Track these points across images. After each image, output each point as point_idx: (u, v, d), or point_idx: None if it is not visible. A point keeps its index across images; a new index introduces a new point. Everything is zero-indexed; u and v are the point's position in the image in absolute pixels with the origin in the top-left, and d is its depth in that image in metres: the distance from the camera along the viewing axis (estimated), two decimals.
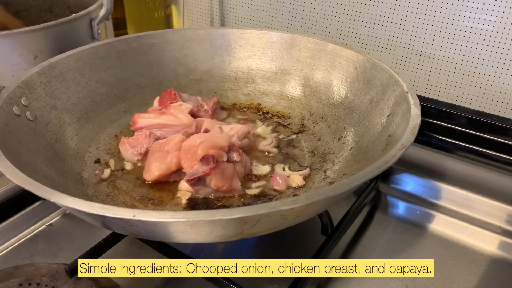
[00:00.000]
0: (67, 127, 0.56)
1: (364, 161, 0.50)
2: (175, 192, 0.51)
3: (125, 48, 0.66)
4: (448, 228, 0.54)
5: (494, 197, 0.57)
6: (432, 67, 0.69)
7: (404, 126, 0.45)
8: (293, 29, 0.81)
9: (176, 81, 0.69)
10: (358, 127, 0.56)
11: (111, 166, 0.55)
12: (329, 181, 0.51)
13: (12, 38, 0.62)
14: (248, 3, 0.84)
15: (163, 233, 0.35)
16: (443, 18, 0.66)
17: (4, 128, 0.46)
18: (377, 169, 0.38)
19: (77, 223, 0.54)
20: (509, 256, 0.50)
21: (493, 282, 0.47)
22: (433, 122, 0.68)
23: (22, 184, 0.36)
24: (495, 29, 0.62)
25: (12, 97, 0.50)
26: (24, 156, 0.46)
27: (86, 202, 0.34)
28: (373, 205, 0.58)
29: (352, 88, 0.60)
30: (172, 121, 0.57)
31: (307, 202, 0.33)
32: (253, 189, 0.52)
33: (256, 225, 0.35)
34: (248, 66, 0.70)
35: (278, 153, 0.59)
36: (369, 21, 0.73)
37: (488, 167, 0.63)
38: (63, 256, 0.50)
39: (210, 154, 0.49)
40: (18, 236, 0.53)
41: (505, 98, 0.65)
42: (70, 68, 0.59)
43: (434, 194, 0.59)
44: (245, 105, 0.69)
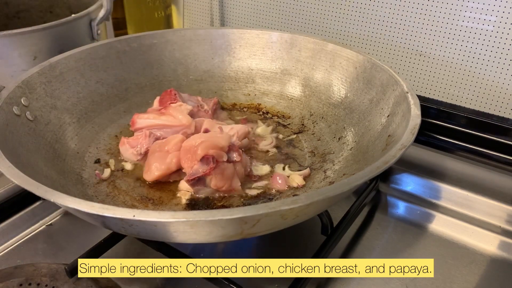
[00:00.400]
0: (67, 127, 0.56)
1: (364, 161, 0.50)
2: (175, 192, 0.51)
3: (125, 48, 0.66)
4: (448, 228, 0.54)
5: (494, 197, 0.57)
6: (432, 67, 0.69)
7: (404, 126, 0.45)
8: (293, 29, 0.81)
9: (176, 81, 0.69)
10: (358, 127, 0.56)
11: (111, 166, 0.55)
12: (329, 181, 0.51)
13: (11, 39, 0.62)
14: (248, 3, 0.84)
15: (163, 233, 0.35)
16: (443, 18, 0.66)
17: (4, 128, 0.46)
18: (377, 169, 0.38)
19: (77, 223, 0.54)
20: (509, 256, 0.50)
21: (493, 282, 0.47)
22: (433, 122, 0.68)
23: (22, 184, 0.36)
24: (495, 29, 0.62)
25: (12, 97, 0.50)
26: (24, 156, 0.46)
27: (86, 202, 0.34)
28: (373, 205, 0.58)
29: (352, 88, 0.60)
30: (171, 121, 0.57)
31: (307, 202, 0.33)
32: (253, 189, 0.52)
33: (256, 225, 0.35)
34: (248, 66, 0.70)
35: (278, 153, 0.59)
36: (369, 21, 0.73)
37: (488, 167, 0.63)
38: (63, 256, 0.50)
39: (210, 154, 0.49)
40: (18, 236, 0.53)
41: (505, 98, 0.65)
42: (70, 68, 0.59)
43: (434, 194, 0.59)
44: (245, 105, 0.69)
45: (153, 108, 0.61)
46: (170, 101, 0.60)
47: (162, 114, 0.58)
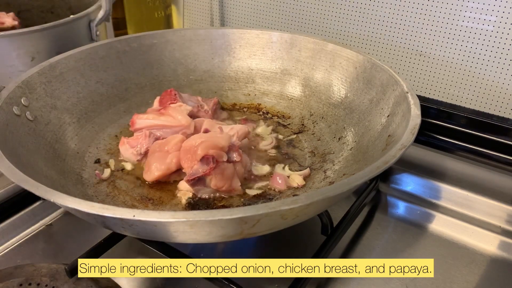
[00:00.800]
0: (67, 127, 0.56)
1: (364, 161, 0.50)
2: (175, 192, 0.51)
3: (125, 48, 0.66)
4: (448, 228, 0.54)
5: (494, 197, 0.57)
6: (432, 67, 0.69)
7: (404, 126, 0.45)
8: (293, 29, 0.81)
9: (176, 81, 0.69)
10: (358, 127, 0.56)
11: (111, 166, 0.55)
12: (329, 181, 0.51)
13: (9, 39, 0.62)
14: (248, 3, 0.84)
15: (163, 233, 0.35)
16: (443, 18, 0.66)
17: (4, 128, 0.46)
18: (377, 169, 0.38)
19: (77, 223, 0.54)
20: (509, 256, 0.50)
21: (493, 282, 0.47)
22: (433, 122, 0.68)
23: (22, 184, 0.36)
24: (495, 29, 0.62)
25: (12, 97, 0.50)
26: (24, 156, 0.46)
27: (86, 202, 0.34)
28: (373, 205, 0.58)
29: (352, 88, 0.60)
30: (170, 122, 0.57)
31: (307, 202, 0.33)
32: (253, 189, 0.52)
33: (256, 225, 0.35)
34: (248, 66, 0.70)
35: (278, 153, 0.59)
36: (369, 21, 0.73)
37: (488, 167, 0.63)
38: (63, 256, 0.50)
39: (210, 154, 0.49)
40: (18, 236, 0.53)
41: (505, 98, 0.65)
42: (70, 68, 0.59)
43: (434, 194, 0.59)
44: (245, 105, 0.69)
45: (153, 108, 0.61)
46: (170, 101, 0.60)
47: (162, 114, 0.58)
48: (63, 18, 0.67)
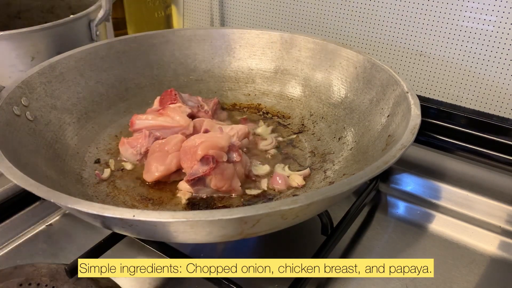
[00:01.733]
0: (67, 127, 0.56)
1: (364, 161, 0.50)
2: (175, 192, 0.51)
3: (125, 48, 0.66)
4: (448, 228, 0.54)
5: (494, 197, 0.57)
6: (432, 67, 0.69)
7: (404, 126, 0.45)
8: (293, 29, 0.81)
9: (176, 81, 0.69)
10: (358, 127, 0.56)
11: (111, 166, 0.55)
12: (329, 181, 0.51)
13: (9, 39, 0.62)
14: (248, 3, 0.84)
15: (163, 233, 0.35)
16: (443, 18, 0.66)
17: (4, 128, 0.46)
18: (377, 169, 0.38)
19: (77, 223, 0.54)
20: (509, 256, 0.50)
21: (493, 282, 0.47)
22: (433, 122, 0.68)
23: (22, 184, 0.37)
24: (495, 29, 0.62)
25: (12, 97, 0.50)
26: (24, 156, 0.46)
27: (86, 202, 0.34)
28: (373, 205, 0.58)
29: (352, 88, 0.60)
30: (169, 122, 0.57)
31: (307, 202, 0.33)
32: (253, 189, 0.52)
33: (256, 225, 0.35)
34: (248, 66, 0.70)
35: (278, 153, 0.59)
36: (369, 21, 0.73)
37: (488, 167, 0.63)
38: (63, 256, 0.50)
39: (210, 154, 0.49)
40: (18, 236, 0.53)
41: (505, 98, 0.65)
42: (70, 68, 0.59)
43: (434, 194, 0.59)
44: (245, 105, 0.69)
45: (152, 108, 0.61)
46: (170, 101, 0.60)
47: (161, 115, 0.58)
48: (63, 18, 0.67)
